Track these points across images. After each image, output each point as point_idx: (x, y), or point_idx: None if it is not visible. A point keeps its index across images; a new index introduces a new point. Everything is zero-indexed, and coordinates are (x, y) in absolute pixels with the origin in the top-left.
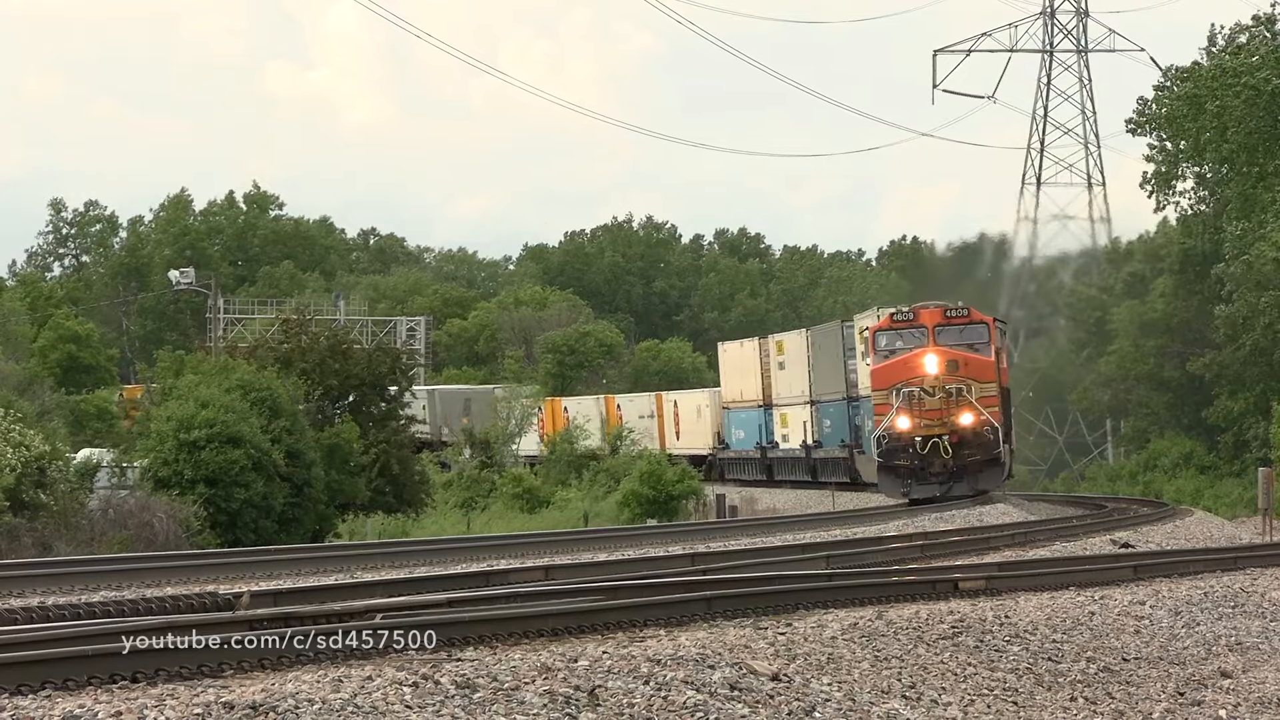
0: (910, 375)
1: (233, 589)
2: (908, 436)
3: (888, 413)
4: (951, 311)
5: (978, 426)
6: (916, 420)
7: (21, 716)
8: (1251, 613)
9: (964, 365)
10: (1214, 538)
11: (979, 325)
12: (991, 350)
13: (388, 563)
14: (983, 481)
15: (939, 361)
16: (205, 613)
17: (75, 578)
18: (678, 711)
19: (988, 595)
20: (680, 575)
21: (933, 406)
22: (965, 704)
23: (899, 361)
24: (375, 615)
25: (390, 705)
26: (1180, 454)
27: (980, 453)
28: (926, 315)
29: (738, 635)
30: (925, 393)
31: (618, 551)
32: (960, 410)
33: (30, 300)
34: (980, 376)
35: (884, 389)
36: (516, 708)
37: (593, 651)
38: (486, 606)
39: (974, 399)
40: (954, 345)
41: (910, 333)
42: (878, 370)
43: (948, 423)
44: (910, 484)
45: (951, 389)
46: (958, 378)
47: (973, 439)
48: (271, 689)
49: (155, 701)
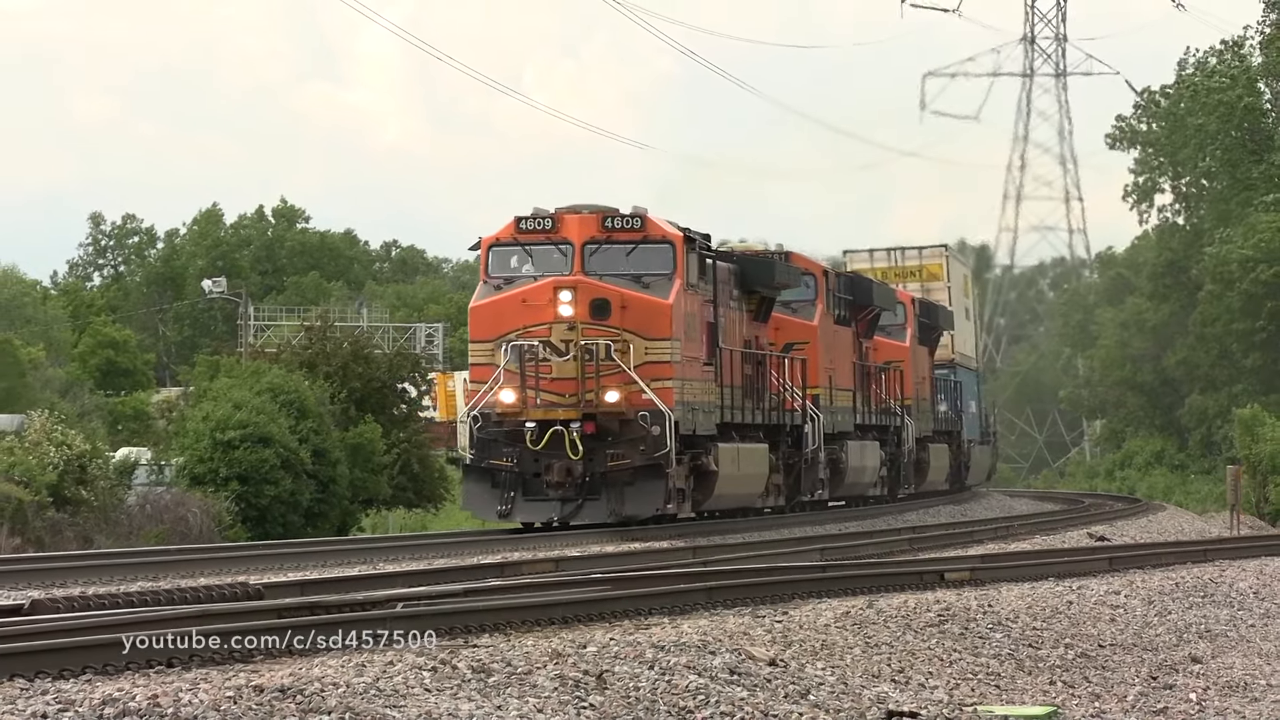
0: (527, 320)
1: (262, 579)
2: (514, 420)
3: (490, 379)
4: (615, 221)
5: (630, 410)
6: (530, 395)
7: (63, 699)
8: (1220, 602)
9: (622, 308)
10: (1185, 532)
11: (659, 246)
12: (676, 288)
13: (408, 555)
14: (633, 502)
15: (576, 299)
16: (236, 601)
17: (114, 569)
18: (680, 694)
19: (972, 585)
20: (682, 567)
21: (561, 374)
22: (951, 687)
23: (512, 298)
24: (396, 604)
25: (410, 688)
26: (1153, 452)
27: (631, 454)
28: (573, 224)
29: (737, 623)
30: (550, 350)
31: (623, 545)
32: (607, 382)
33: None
34: (649, 328)
35: (486, 341)
36: (529, 691)
37: (600, 638)
38: (501, 596)
39: (632, 365)
40: (613, 275)
41: (544, 250)
42: (480, 310)
43: (584, 401)
44: (512, 498)
45: (593, 346)
46: (605, 327)
47: (620, 431)
48: (299, 673)
49: (189, 685)
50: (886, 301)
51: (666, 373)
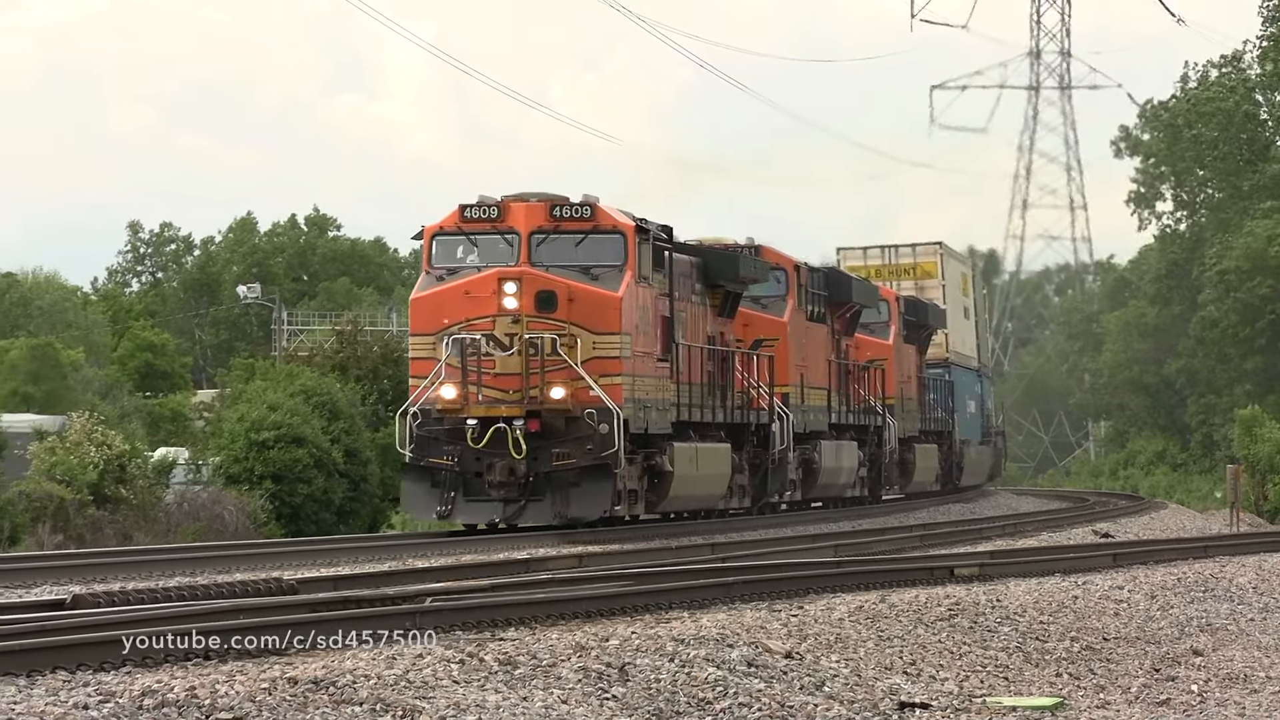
0: (470, 313)
1: (296, 575)
2: (454, 417)
3: (430, 374)
4: (563, 210)
5: (576, 407)
6: (472, 390)
7: (104, 690)
8: (1220, 596)
9: (569, 301)
10: (1186, 528)
11: (610, 236)
12: (627, 280)
13: (436, 551)
14: (579, 504)
15: (521, 291)
16: (271, 596)
17: (153, 565)
18: (700, 686)
19: (981, 581)
20: (701, 563)
21: (504, 369)
22: (960, 679)
23: (455, 289)
24: (425, 599)
25: (439, 680)
26: (1155, 452)
27: (577, 453)
28: (519, 212)
29: (754, 617)
30: (493, 344)
31: (644, 542)
32: (552, 378)
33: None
34: (597, 322)
35: (427, 334)
36: (554, 682)
37: (622, 632)
38: (526, 591)
39: (579, 360)
40: (561, 267)
41: (490, 240)
42: (421, 302)
43: (528, 398)
44: (453, 499)
45: (538, 340)
46: (552, 321)
47: (566, 429)
48: (332, 665)
49: (225, 677)
50: (868, 298)
51: (615, 368)
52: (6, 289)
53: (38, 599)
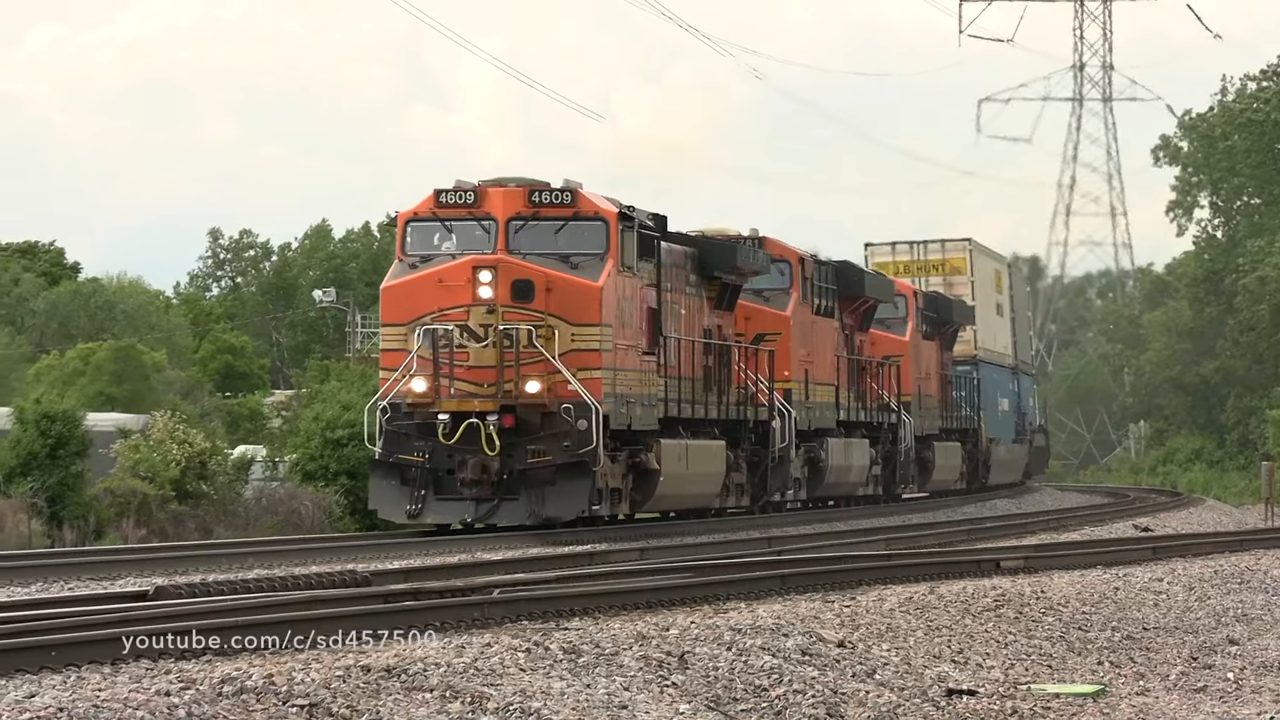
0: (443, 303)
1: (369, 567)
2: (425, 411)
3: (401, 366)
4: (543, 195)
5: (552, 402)
6: (444, 384)
7: (185, 677)
8: (1256, 588)
9: (547, 290)
10: (1223, 523)
11: (591, 223)
12: (608, 269)
13: (504, 545)
14: (554, 503)
15: (497, 279)
16: (345, 588)
17: (232, 558)
18: (756, 674)
19: (1026, 573)
20: (758, 555)
21: (479, 362)
22: (1006, 667)
23: (428, 277)
24: (493, 590)
25: (506, 668)
26: (1193, 450)
27: (553, 450)
28: (496, 198)
29: (808, 607)
30: (467, 335)
31: (703, 535)
32: (528, 371)
33: (192, 316)
34: (576, 313)
35: (399, 324)
36: (616, 670)
37: (682, 621)
38: (590, 582)
39: (556, 353)
40: (539, 255)
41: (466, 226)
42: (392, 290)
43: (503, 392)
44: (423, 497)
45: (514, 331)
46: (528, 311)
47: (542, 425)
48: (403, 654)
49: (302, 665)
50: (882, 293)
51: (594, 361)
52: (92, 293)
53: (122, 590)
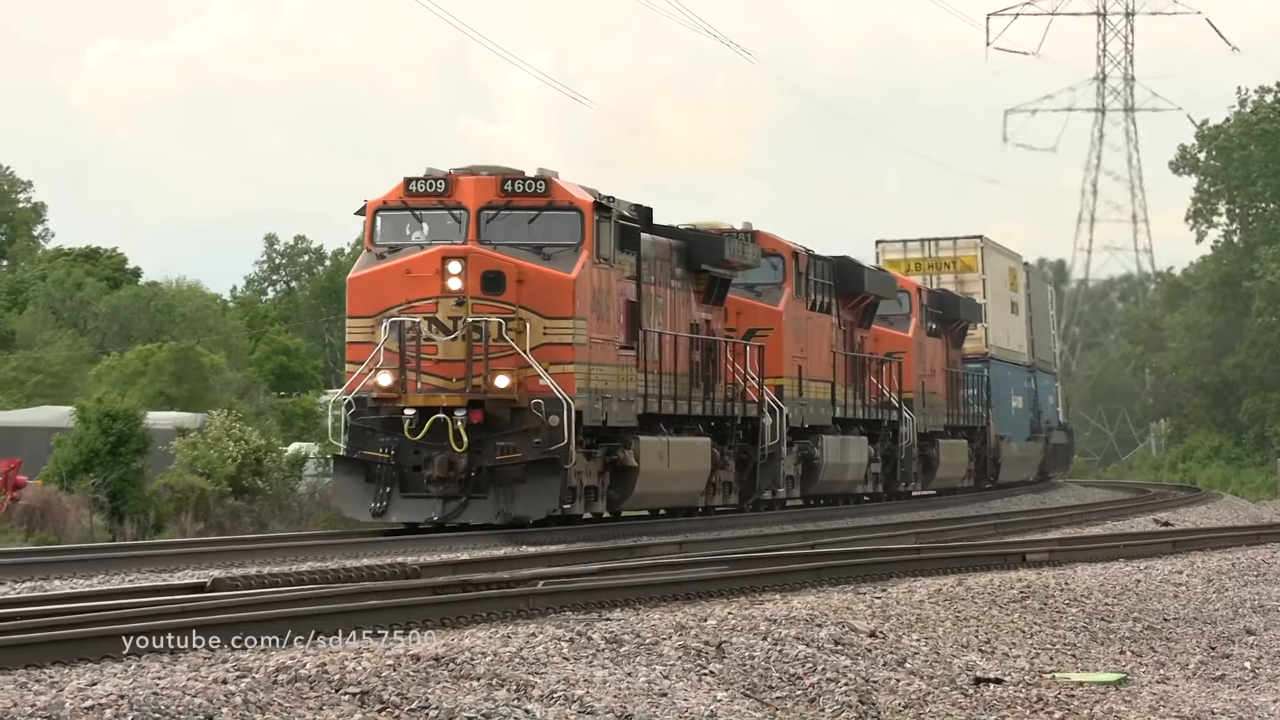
0: (411, 294)
1: (418, 560)
2: (391, 406)
3: (367, 360)
4: (516, 184)
5: (523, 397)
6: (411, 378)
7: (241, 666)
8: (1272, 580)
9: (519, 282)
10: (1240, 517)
11: (566, 214)
12: (582, 260)
13: (549, 539)
14: (524, 501)
15: (466, 270)
16: (394, 579)
17: (286, 551)
18: (790, 663)
19: (1050, 566)
20: (792, 549)
21: (447, 355)
22: (1032, 656)
23: (396, 268)
24: (538, 582)
25: (550, 657)
26: (1211, 447)
27: (523, 447)
28: (468, 187)
29: (841, 599)
30: (436, 327)
31: (739, 530)
32: (497, 365)
33: (248, 319)
34: (549, 305)
35: (366, 316)
36: (656, 659)
37: (719, 612)
38: (631, 575)
39: (528, 346)
40: (511, 245)
41: (437, 216)
42: (360, 281)
43: (471, 387)
44: (388, 495)
45: (483, 324)
46: (499, 303)
47: (512, 420)
48: (451, 643)
49: (353, 654)
50: (884, 289)
51: (567, 355)
52: (152, 297)
53: (180, 582)
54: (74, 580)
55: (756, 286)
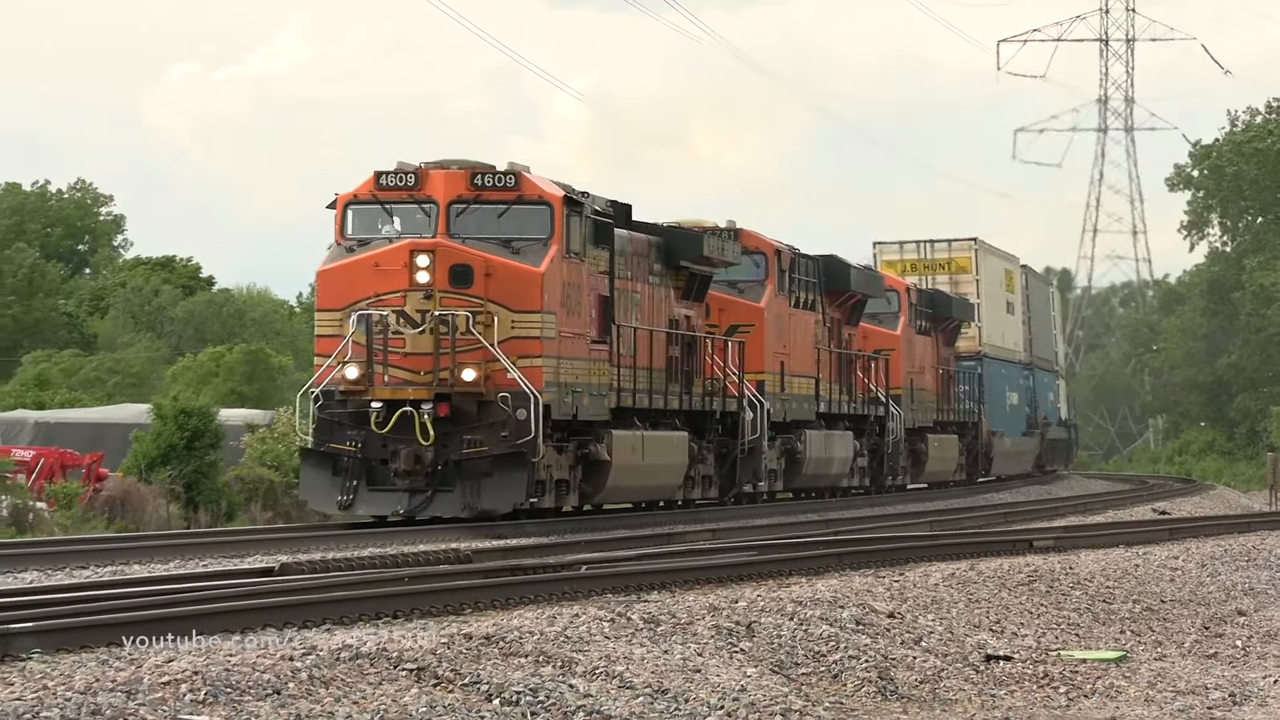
0: (380, 287)
1: (471, 546)
2: (358, 399)
3: (335, 352)
4: (485, 179)
5: (489, 390)
6: (378, 371)
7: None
8: (1261, 565)
9: (486, 276)
10: (1232, 507)
11: (535, 208)
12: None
13: (590, 527)
14: (490, 495)
15: (435, 264)
16: (451, 564)
17: (349, 538)
18: (815, 641)
19: (1056, 551)
20: (817, 536)
21: (415, 348)
22: (1039, 635)
23: (364, 261)
24: (581, 566)
25: (593, 636)
26: (1205, 442)
27: (490, 441)
28: (438, 180)
29: (862, 582)
30: (404, 321)
31: (768, 519)
32: (464, 359)
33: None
34: (517, 299)
35: (335, 309)
36: (691, 638)
37: (749, 595)
38: (667, 560)
39: (495, 340)
40: (480, 239)
41: (407, 210)
42: (329, 274)
43: (438, 380)
44: (355, 488)
45: (449, 318)
46: (467, 297)
47: (479, 414)
48: (501, 623)
49: (410, 633)
50: (871, 288)
51: (535, 349)
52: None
53: (250, 566)
54: (152, 565)
55: (739, 284)
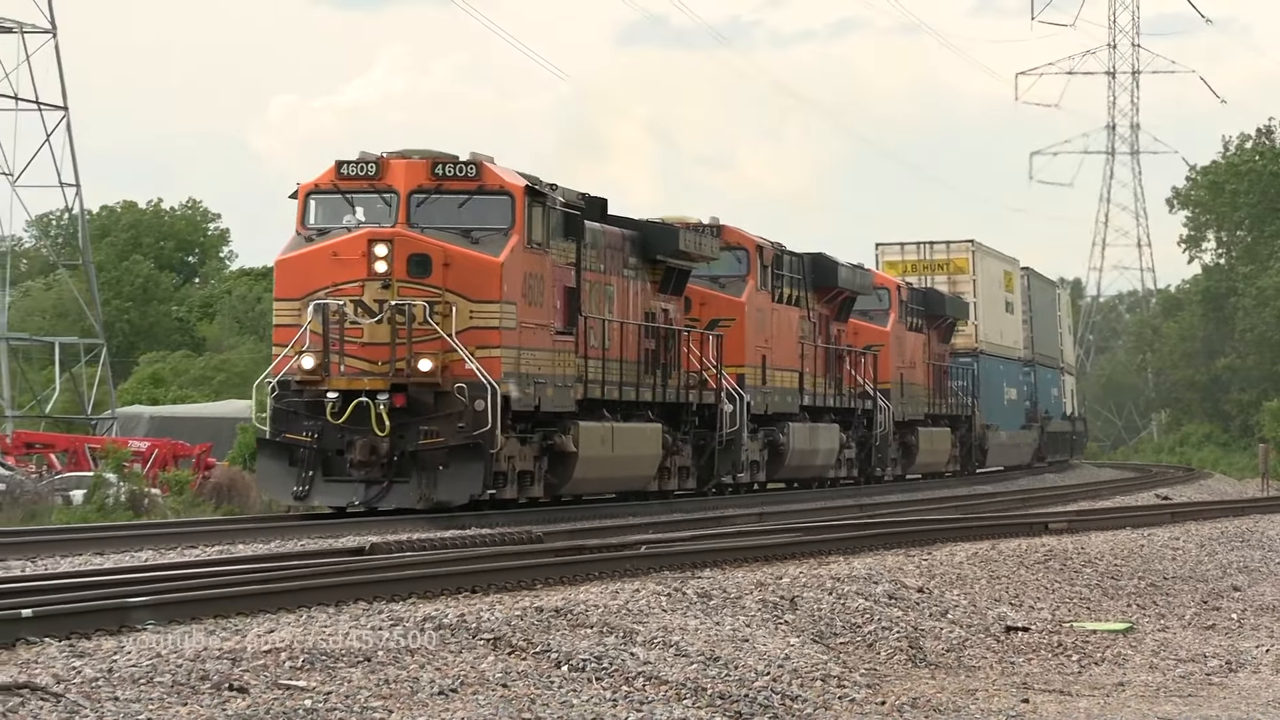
0: (337, 277)
1: (543, 528)
2: (314, 389)
3: (292, 342)
4: (446, 168)
5: (446, 381)
6: (334, 361)
7: (393, 616)
8: (1255, 545)
9: (445, 265)
10: (1228, 493)
11: (497, 198)
12: (512, 244)
13: (647, 512)
14: (446, 486)
15: (393, 253)
16: (524, 544)
17: (433, 520)
18: (852, 614)
19: (1069, 533)
20: (853, 518)
21: (372, 339)
22: (1053, 608)
23: (322, 250)
24: (641, 546)
25: (651, 609)
26: (1204, 434)
27: (446, 431)
28: (399, 170)
29: (894, 560)
30: (361, 310)
31: (809, 503)
32: (421, 349)
33: None
34: (476, 289)
35: (292, 299)
36: (740, 611)
37: (792, 572)
38: (718, 540)
39: (454, 330)
40: (440, 229)
41: (368, 200)
42: (287, 264)
43: (394, 370)
44: (311, 478)
45: (406, 308)
46: (425, 287)
47: (436, 405)
48: (569, 597)
49: (487, 606)
50: (859, 285)
51: (494, 340)
52: None
53: (343, 546)
54: (255, 545)
55: (721, 279)
